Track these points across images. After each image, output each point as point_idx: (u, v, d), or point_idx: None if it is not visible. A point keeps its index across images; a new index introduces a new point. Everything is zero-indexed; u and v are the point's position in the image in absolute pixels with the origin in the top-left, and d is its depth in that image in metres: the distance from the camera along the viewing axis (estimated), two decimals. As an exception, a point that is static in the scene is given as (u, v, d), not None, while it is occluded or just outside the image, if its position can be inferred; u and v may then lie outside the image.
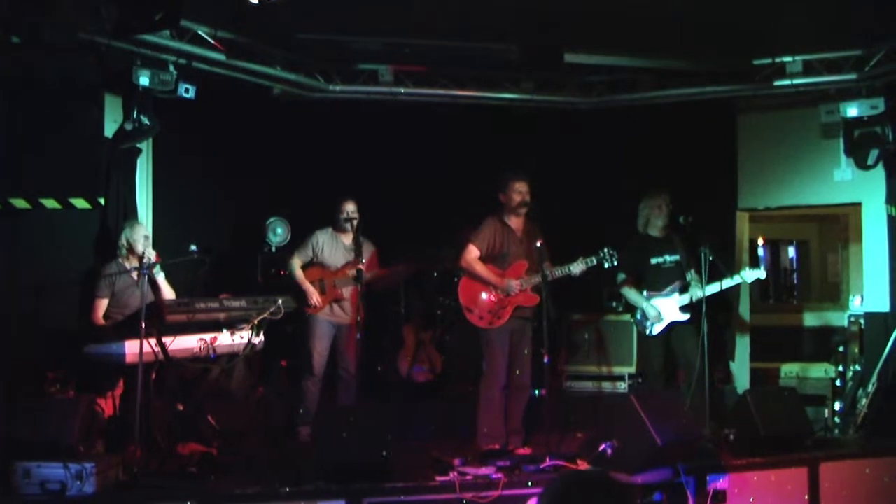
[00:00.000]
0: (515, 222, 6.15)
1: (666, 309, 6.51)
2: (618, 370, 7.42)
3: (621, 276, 6.69)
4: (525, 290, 6.05)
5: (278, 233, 7.56)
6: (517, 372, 6.03)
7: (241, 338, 5.57)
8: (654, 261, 6.60)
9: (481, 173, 6.50)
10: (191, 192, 7.35)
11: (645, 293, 6.60)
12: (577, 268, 5.97)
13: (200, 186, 7.43)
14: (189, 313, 5.37)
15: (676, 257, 6.50)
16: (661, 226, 6.59)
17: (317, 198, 6.81)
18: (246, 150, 7.55)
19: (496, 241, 6.11)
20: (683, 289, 6.42)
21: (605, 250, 5.99)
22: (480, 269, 6.09)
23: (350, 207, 6.55)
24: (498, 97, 7.59)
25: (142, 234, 6.05)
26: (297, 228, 7.42)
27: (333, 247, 6.61)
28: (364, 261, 6.38)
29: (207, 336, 5.44)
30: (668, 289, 6.54)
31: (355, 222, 6.49)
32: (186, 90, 6.47)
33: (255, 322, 5.58)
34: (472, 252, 6.12)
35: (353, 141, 7.75)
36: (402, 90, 7.42)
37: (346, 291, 6.55)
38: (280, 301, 5.70)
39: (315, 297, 6.46)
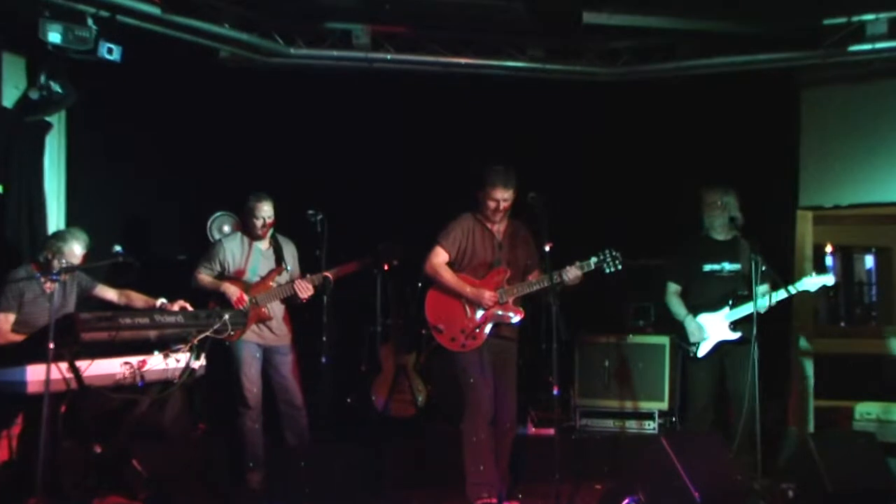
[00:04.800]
0: (495, 223, 6.23)
1: (711, 325, 6.54)
2: (645, 406, 7.43)
3: (671, 287, 6.74)
4: (505, 302, 6.09)
5: (225, 231, 7.57)
6: (500, 406, 6.12)
7: (178, 361, 5.57)
8: (707, 268, 6.64)
9: (474, 157, 6.56)
10: (115, 178, 7.41)
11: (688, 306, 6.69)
12: (571, 274, 5.97)
13: (127, 172, 7.47)
14: (111, 330, 5.29)
15: (738, 266, 6.53)
16: (721, 227, 6.62)
17: (274, 188, 6.79)
18: (186, 128, 7.62)
19: (469, 244, 6.17)
20: (735, 302, 6.46)
21: (607, 252, 6.02)
22: (448, 276, 6.13)
23: (266, 210, 6.53)
24: (500, 66, 7.66)
25: (80, 252, 5.96)
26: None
27: (247, 256, 6.62)
28: (289, 267, 6.52)
29: (134, 359, 5.42)
30: (718, 304, 6.57)
31: (270, 228, 6.56)
32: (110, 51, 6.41)
33: (195, 342, 5.57)
34: (439, 255, 6.16)
35: (318, 118, 7.84)
36: (382, 56, 7.47)
37: (273, 308, 6.56)
38: (227, 316, 5.71)
39: (235, 292, 6.43)
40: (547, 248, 5.85)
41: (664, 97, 7.85)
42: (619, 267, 6.05)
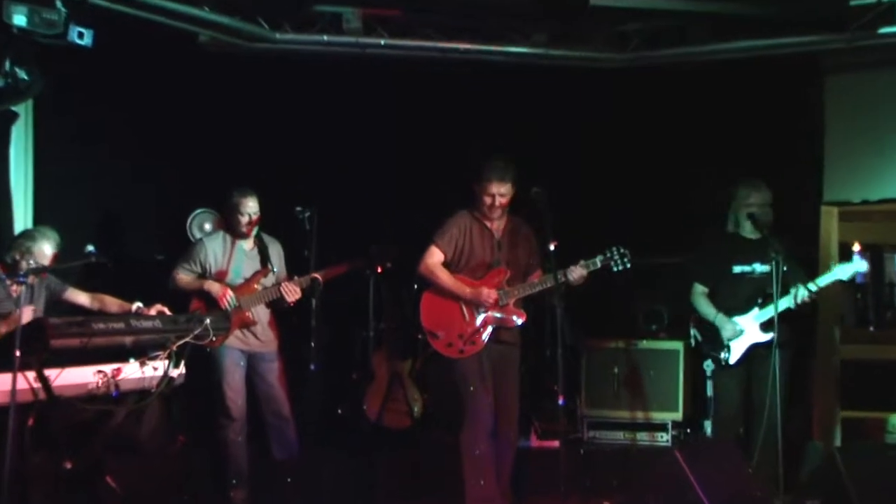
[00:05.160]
0: (493, 220, 6.28)
1: (745, 328, 6.56)
2: (658, 416, 7.43)
3: (699, 288, 6.74)
4: (506, 304, 6.13)
5: (206, 229, 7.57)
6: (501, 416, 6.15)
7: (155, 369, 5.56)
8: (737, 269, 6.63)
9: (473, 149, 6.67)
10: (87, 172, 7.40)
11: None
12: (575, 273, 6.01)
13: (100, 165, 7.47)
14: (83, 336, 5.27)
15: (768, 268, 6.47)
16: (753, 226, 6.61)
17: (259, 183, 6.83)
18: (164, 117, 7.62)
19: (466, 243, 6.22)
20: (765, 302, 6.46)
21: (614, 249, 6.06)
22: (445, 277, 6.19)
23: (251, 206, 6.54)
24: (501, 52, 7.63)
25: (50, 252, 5.97)
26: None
27: (229, 256, 6.64)
28: (276, 268, 6.56)
29: (108, 367, 5.39)
30: (748, 305, 6.58)
31: (255, 226, 6.57)
32: (81, 35, 6.39)
33: (174, 348, 5.57)
34: (435, 255, 6.22)
35: (306, 107, 7.84)
36: (375, 41, 7.45)
37: (258, 313, 6.58)
38: (208, 320, 5.71)
39: (226, 294, 6.46)
40: (551, 247, 5.90)
41: (676, 83, 7.85)
42: (628, 265, 6.08)
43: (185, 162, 7.72)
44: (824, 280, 6.33)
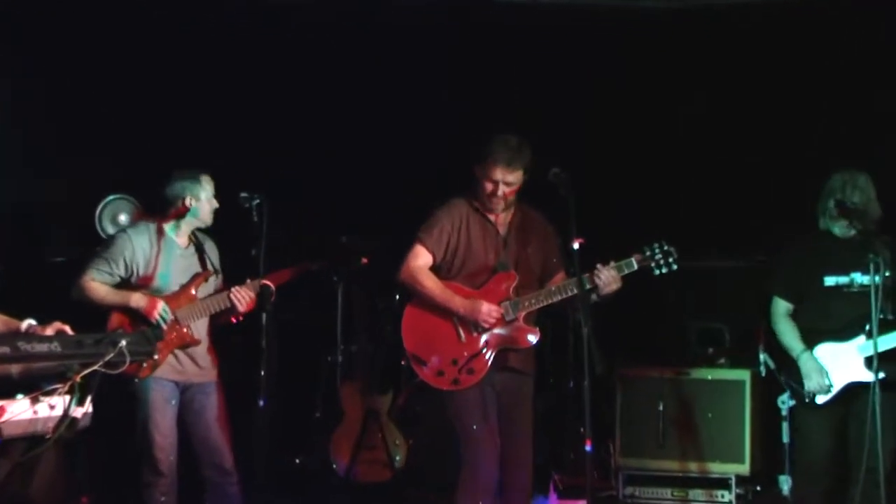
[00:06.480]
0: (492, 211, 6.22)
1: (837, 361, 6.34)
2: (718, 469, 7.38)
3: (780, 305, 6.55)
4: (514, 319, 6.01)
5: (121, 222, 7.52)
6: (510, 467, 6.08)
7: (52, 408, 5.30)
8: (829, 280, 6.43)
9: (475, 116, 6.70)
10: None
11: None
12: (604, 277, 5.89)
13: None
14: (-51, 366, 5.35)
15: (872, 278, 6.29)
16: (845, 219, 6.40)
17: (184, 161, 6.67)
18: (78, 73, 7.68)
19: (462, 240, 6.14)
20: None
21: (656, 246, 5.95)
22: (432, 285, 6.07)
23: (210, 187, 6.49)
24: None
25: None
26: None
27: (156, 256, 6.49)
28: (218, 270, 6.55)
29: (-13, 406, 5.55)
30: (849, 329, 6.37)
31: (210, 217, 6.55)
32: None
33: (78, 379, 5.23)
34: (420, 256, 6.11)
35: (255, 58, 7.96)
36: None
37: (198, 329, 6.45)
38: (124, 342, 5.31)
39: (157, 305, 6.31)
40: (575, 245, 5.72)
41: (738, 32, 7.90)
42: (675, 267, 5.95)
43: (99, 136, 7.79)
44: None
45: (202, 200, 6.46)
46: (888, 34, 7.67)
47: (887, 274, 6.11)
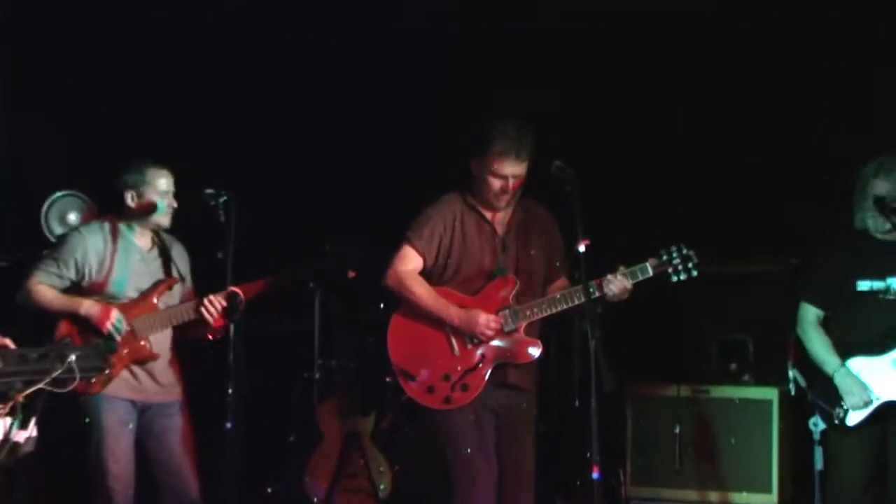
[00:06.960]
0: (494, 209, 6.20)
1: (873, 378, 6.28)
2: (741, 499, 7.37)
3: (810, 312, 6.50)
4: (514, 330, 5.94)
5: (71, 220, 7.55)
6: (509, 494, 6.07)
7: (-9, 432, 5.61)
8: (863, 285, 6.34)
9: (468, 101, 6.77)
10: None
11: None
12: (615, 285, 5.84)
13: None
14: None
15: None
16: (883, 216, 6.34)
17: (147, 151, 6.62)
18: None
19: (456, 241, 6.11)
20: None
21: (674, 250, 5.90)
22: (421, 292, 6.04)
23: (164, 183, 6.42)
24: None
25: None
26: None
27: (112, 258, 6.42)
28: (186, 277, 6.52)
29: (-83, 430, 5.23)
30: (883, 341, 6.32)
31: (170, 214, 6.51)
32: None
33: (20, 399, 5.15)
34: (408, 260, 6.08)
35: (227, 41, 8.06)
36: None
37: (159, 343, 6.39)
38: (73, 357, 5.27)
39: (110, 314, 6.22)
40: (581, 248, 5.65)
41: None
42: (694, 274, 5.89)
43: (36, 129, 7.84)
44: None
45: (147, 197, 6.36)
46: (888, 34, 7.62)
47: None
